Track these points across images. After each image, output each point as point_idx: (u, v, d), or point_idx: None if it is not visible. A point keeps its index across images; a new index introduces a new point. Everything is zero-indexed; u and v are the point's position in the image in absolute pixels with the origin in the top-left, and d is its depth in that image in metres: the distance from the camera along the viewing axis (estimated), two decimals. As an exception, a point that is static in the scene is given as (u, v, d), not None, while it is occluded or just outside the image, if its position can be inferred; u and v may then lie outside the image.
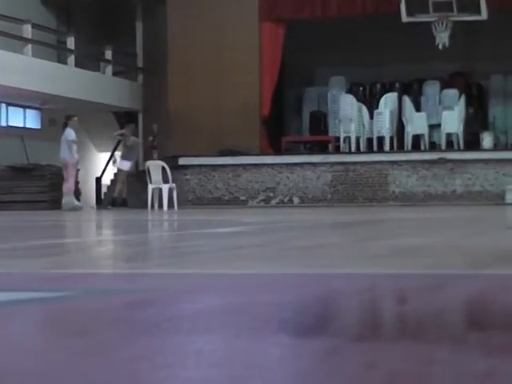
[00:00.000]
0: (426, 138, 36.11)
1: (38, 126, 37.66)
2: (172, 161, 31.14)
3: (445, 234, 8.65)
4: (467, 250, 6.35)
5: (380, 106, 36.33)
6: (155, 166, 29.91)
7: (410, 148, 35.62)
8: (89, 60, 36.44)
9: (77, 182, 28.86)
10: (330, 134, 37.32)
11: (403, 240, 7.69)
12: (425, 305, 3.01)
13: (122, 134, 29.04)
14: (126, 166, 27.89)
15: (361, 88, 38.33)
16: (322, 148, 35.98)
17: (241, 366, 1.96)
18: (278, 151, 35.87)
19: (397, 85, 37.61)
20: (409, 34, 33.94)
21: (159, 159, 30.56)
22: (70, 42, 35.69)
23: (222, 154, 33.77)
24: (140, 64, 38.67)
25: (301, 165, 34.00)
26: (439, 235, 8.46)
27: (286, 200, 33.03)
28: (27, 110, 37.22)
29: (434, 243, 7.17)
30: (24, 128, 36.90)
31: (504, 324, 2.60)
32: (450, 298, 3.19)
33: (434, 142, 36.02)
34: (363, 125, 36.07)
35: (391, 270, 4.48)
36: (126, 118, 39.10)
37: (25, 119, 37.32)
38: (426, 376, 1.74)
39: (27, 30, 33.50)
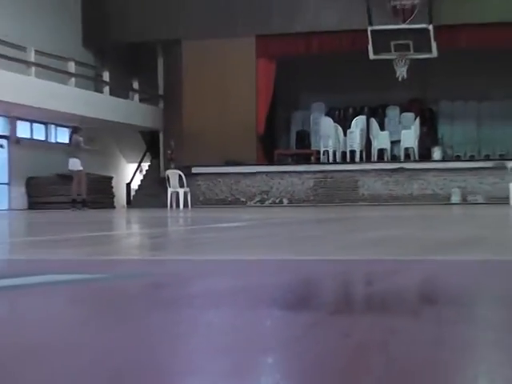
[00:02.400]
0: (389, 151, 36.28)
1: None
2: (186, 170, 31.13)
3: (404, 228, 8.63)
4: (421, 241, 6.33)
5: (352, 126, 36.40)
6: (173, 174, 29.88)
7: (375, 159, 35.75)
8: (120, 89, 36.34)
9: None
10: (313, 148, 37.30)
11: (371, 233, 7.68)
12: (387, 285, 3.01)
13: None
14: (77, 164, 27.47)
15: (336, 112, 38.37)
16: (305, 159, 35.95)
17: (242, 332, 1.97)
18: (270, 162, 35.93)
19: (365, 109, 37.71)
20: (375, 68, 33.90)
21: (176, 169, 30.47)
22: (106, 76, 35.73)
23: (226, 164, 33.78)
24: (161, 92, 38.62)
25: (289, 173, 34.01)
26: (400, 229, 8.44)
27: (277, 201, 33.02)
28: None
29: (395, 235, 7.15)
30: (68, 144, 36.83)
31: (448, 299, 2.60)
32: (407, 279, 3.19)
33: (395, 155, 36.09)
34: (339, 141, 36.14)
35: (361, 257, 4.48)
36: (149, 136, 39.17)
37: (69, 136, 37.26)
38: (389, 342, 1.75)
39: (71, 66, 33.48)
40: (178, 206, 28.38)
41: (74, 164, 27.93)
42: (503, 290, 2.87)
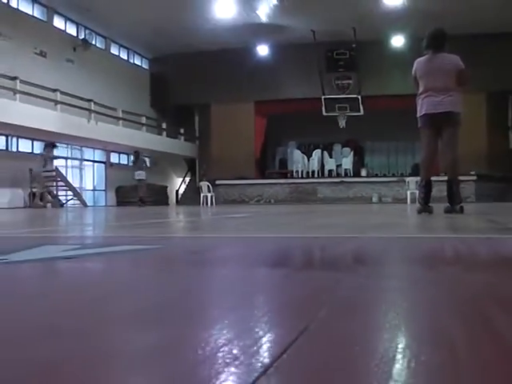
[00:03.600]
0: (335, 171, 36.23)
1: (148, 165, 37.54)
2: (212, 182, 31.06)
3: (345, 217, 8.59)
4: (357, 224, 6.32)
5: (312, 156, 36.37)
6: (204, 185, 29.79)
7: (327, 176, 35.66)
8: (172, 133, 36.42)
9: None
10: (289, 169, 37.28)
11: (325, 220, 7.64)
12: (334, 252, 3.00)
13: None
14: (142, 175, 27.24)
15: (303, 147, 38.29)
16: (284, 176, 35.91)
17: (244, 280, 1.98)
18: (263, 177, 35.89)
19: (320, 145, 37.59)
20: (326, 121, 33.87)
21: (206, 181, 30.40)
22: (164, 125, 35.91)
23: (236, 178, 33.72)
24: (197, 135, 38.72)
25: (275, 184, 33.79)
26: (341, 218, 8.40)
27: (267, 201, 32.94)
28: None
29: (340, 222, 7.13)
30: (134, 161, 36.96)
31: (372, 261, 2.59)
32: (346, 248, 3.18)
33: (339, 173, 36.05)
34: (304, 165, 36.07)
35: (318, 235, 4.46)
36: (190, 161, 39.38)
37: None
38: (334, 288, 1.75)
39: (143, 119, 33.65)
40: (207, 204, 28.35)
41: (140, 175, 27.30)
42: (405, 255, 2.86)
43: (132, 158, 26.97)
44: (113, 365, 0.96)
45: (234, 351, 0.99)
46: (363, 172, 35.94)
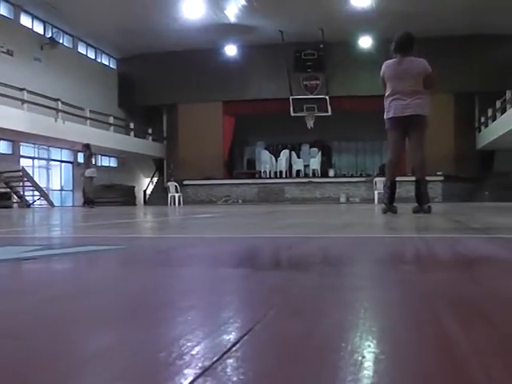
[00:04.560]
0: (303, 171, 36.42)
1: (116, 165, 37.53)
2: (180, 182, 31.02)
3: (311, 218, 8.62)
4: (322, 225, 6.33)
5: (280, 156, 36.56)
6: (172, 185, 29.71)
7: (294, 176, 35.76)
8: (140, 134, 36.29)
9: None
10: (257, 169, 37.46)
11: (291, 220, 7.65)
12: (296, 252, 3.00)
13: None
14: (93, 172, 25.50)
15: (271, 147, 38.53)
16: (252, 176, 35.95)
17: (208, 278, 1.98)
18: (231, 177, 35.94)
19: (288, 145, 37.79)
20: (294, 121, 34.01)
21: (174, 181, 30.33)
22: (132, 125, 35.78)
23: (204, 178, 33.71)
24: (165, 135, 38.66)
25: (242, 184, 33.91)
26: (309, 218, 8.42)
27: (235, 201, 32.95)
28: (111, 158, 37.09)
29: (306, 222, 7.14)
30: (109, 166, 36.76)
31: (331, 261, 2.60)
32: (308, 248, 3.18)
33: (306, 173, 36.17)
34: (272, 165, 36.24)
35: (283, 235, 4.46)
36: (158, 161, 39.33)
37: (109, 162, 37.18)
38: (289, 287, 1.75)
39: (111, 119, 33.48)
40: (174, 204, 28.28)
41: (91, 172, 24.59)
42: (365, 255, 2.87)
43: (83, 153, 24.99)
44: (54, 366, 0.95)
45: (174, 354, 0.98)
46: (331, 172, 36.17)
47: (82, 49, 34.90)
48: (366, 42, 33.97)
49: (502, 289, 1.71)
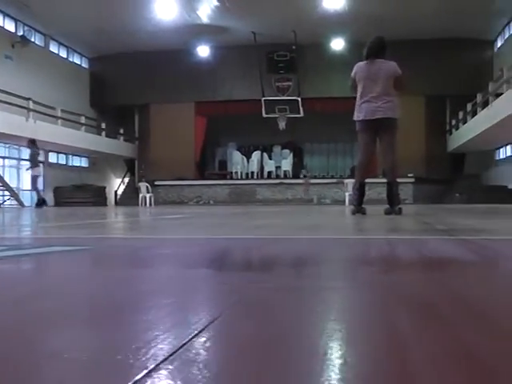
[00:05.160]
0: (274, 172, 36.54)
1: (87, 165, 37.37)
2: (151, 182, 30.95)
3: (281, 219, 8.63)
4: (291, 226, 6.34)
5: (252, 157, 36.70)
6: (143, 185, 29.62)
7: (266, 177, 35.87)
8: (112, 134, 36.13)
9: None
10: (228, 170, 37.53)
11: (261, 221, 7.67)
12: (260, 253, 3.01)
13: None
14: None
15: (243, 148, 38.60)
16: (224, 177, 35.99)
17: (177, 276, 1.99)
18: (203, 178, 35.97)
19: (260, 147, 37.87)
20: (266, 122, 34.06)
21: (145, 182, 30.26)
22: (103, 125, 35.58)
23: (175, 179, 33.67)
24: (136, 135, 38.56)
25: (214, 185, 33.96)
26: (279, 219, 8.43)
27: (206, 202, 32.94)
28: (82, 158, 36.90)
29: (275, 223, 7.15)
30: (80, 166, 36.59)
31: (295, 262, 2.61)
32: (273, 249, 3.19)
33: (278, 175, 36.27)
34: (244, 166, 36.35)
35: (251, 236, 4.47)
36: (129, 161, 39.19)
37: (80, 161, 36.98)
38: (246, 288, 1.75)
39: (83, 119, 33.25)
40: (146, 205, 28.20)
41: (36, 171, 22.75)
42: (329, 256, 2.89)
43: (30, 150, 23.08)
44: (6, 368, 0.95)
45: (119, 355, 0.99)
46: (302, 174, 36.19)
47: (53, 47, 34.63)
48: (338, 44, 34.11)
49: (456, 288, 1.73)
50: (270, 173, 36.90)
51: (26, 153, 26.52)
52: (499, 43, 33.42)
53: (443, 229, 5.32)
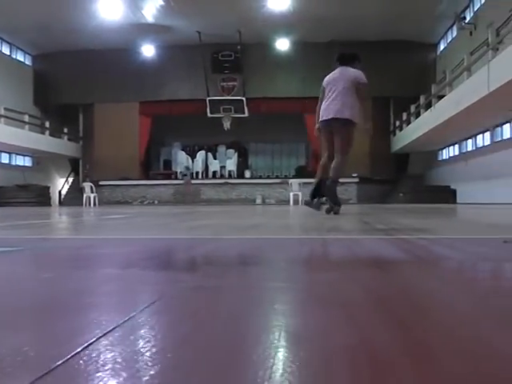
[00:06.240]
0: (219, 172, 36.59)
1: (31, 165, 36.95)
2: (95, 182, 30.77)
3: (223, 219, 8.63)
4: (230, 226, 6.35)
5: (197, 157, 36.76)
6: (87, 185, 29.41)
7: (211, 177, 35.87)
8: (56, 133, 35.74)
9: None
10: (173, 170, 37.40)
11: (201, 221, 7.66)
12: (192, 253, 3.02)
13: None
14: None
15: (188, 148, 38.69)
16: (168, 177, 35.88)
17: (118, 277, 1.99)
18: (147, 178, 35.86)
19: (205, 147, 37.93)
20: (211, 122, 34.11)
21: (89, 182, 30.07)
22: (47, 124, 35.15)
23: (120, 179, 33.52)
24: (81, 135, 38.19)
25: (158, 185, 33.88)
26: (220, 219, 8.44)
27: (151, 202, 32.84)
28: (26, 157, 36.47)
29: (216, 223, 7.15)
30: (24, 166, 36.17)
31: (225, 262, 2.62)
32: (204, 249, 3.20)
33: (223, 174, 36.32)
34: (189, 166, 36.23)
35: (187, 236, 4.47)
36: (73, 161, 38.83)
37: (24, 161, 36.53)
38: (181, 286, 1.76)
39: (26, 118, 32.87)
40: (90, 205, 28.01)
41: None
42: (258, 257, 2.90)
43: None
44: None
45: (23, 354, 0.99)
46: (247, 173, 36.36)
47: (-5, 44, 34.22)
48: (283, 44, 34.24)
49: (372, 288, 1.76)
50: (214, 172, 37.00)
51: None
52: (442, 46, 33.96)
53: (382, 228, 5.36)
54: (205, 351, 1.03)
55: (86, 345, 1.04)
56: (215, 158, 37.73)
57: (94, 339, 1.09)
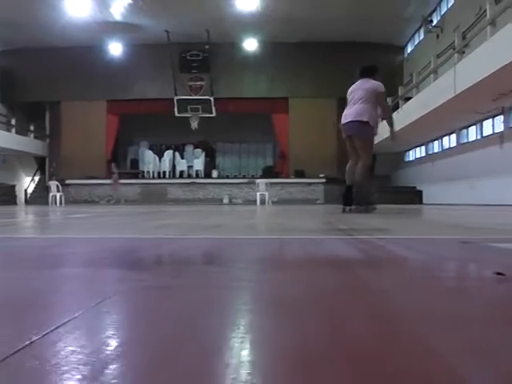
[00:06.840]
0: (186, 172, 36.51)
1: (-4, 163, 36.73)
2: (62, 181, 30.61)
3: (188, 218, 8.63)
4: (193, 226, 6.35)
5: (164, 156, 36.68)
6: (53, 184, 29.23)
7: (178, 176, 35.80)
8: (22, 130, 35.46)
9: None
10: (140, 169, 37.34)
11: (165, 221, 7.65)
12: (155, 252, 3.03)
13: None
14: None
15: (155, 147, 38.66)
16: (135, 176, 35.77)
17: (82, 275, 1.99)
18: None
19: (172, 146, 37.87)
20: (179, 122, 34.03)
21: (55, 180, 29.90)
22: (13, 122, 34.89)
23: (87, 178, 33.37)
24: (47, 133, 37.91)
25: (125, 184, 33.68)
26: (184, 219, 8.43)
27: (118, 201, 32.69)
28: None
29: (180, 222, 7.13)
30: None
31: (181, 262, 2.63)
32: (169, 249, 3.21)
33: (190, 174, 36.27)
34: (156, 165, 36.24)
35: (151, 235, 4.47)
36: (40, 159, 38.53)
37: (-11, 159, 36.29)
38: (134, 285, 1.77)
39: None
40: (56, 204, 27.84)
41: None
42: (215, 256, 2.91)
43: None
44: None
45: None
46: (214, 173, 36.29)
47: (-40, 40, 33.88)
48: (251, 44, 34.26)
49: (324, 287, 1.78)
50: (181, 172, 36.96)
51: None
52: (409, 49, 34.20)
53: (344, 228, 5.38)
54: (145, 343, 1.05)
55: (27, 342, 1.06)
56: (182, 158, 37.67)
57: (39, 337, 1.10)
